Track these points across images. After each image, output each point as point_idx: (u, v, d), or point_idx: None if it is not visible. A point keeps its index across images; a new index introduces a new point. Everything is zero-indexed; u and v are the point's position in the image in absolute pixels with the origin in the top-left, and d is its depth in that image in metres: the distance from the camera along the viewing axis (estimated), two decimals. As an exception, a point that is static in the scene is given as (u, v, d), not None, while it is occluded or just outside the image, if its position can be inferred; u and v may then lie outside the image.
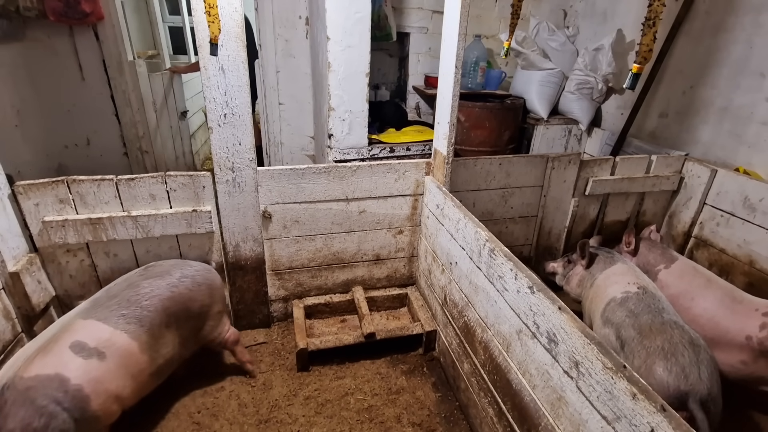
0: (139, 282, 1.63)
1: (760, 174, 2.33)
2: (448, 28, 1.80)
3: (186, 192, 1.89)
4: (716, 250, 2.41)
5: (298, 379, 1.99)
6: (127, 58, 3.24)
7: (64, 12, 2.85)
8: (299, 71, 3.27)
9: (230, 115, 1.81)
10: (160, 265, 1.76)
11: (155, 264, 1.78)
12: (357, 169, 2.09)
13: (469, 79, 3.26)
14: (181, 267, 1.76)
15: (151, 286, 1.63)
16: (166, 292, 1.64)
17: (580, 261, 2.16)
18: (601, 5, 3.31)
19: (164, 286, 1.65)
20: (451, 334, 1.94)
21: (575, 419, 1.12)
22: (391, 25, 3.16)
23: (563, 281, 2.28)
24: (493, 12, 3.51)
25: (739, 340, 1.73)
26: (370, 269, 2.37)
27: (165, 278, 1.68)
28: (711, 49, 2.54)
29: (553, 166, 2.40)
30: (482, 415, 1.67)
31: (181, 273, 1.72)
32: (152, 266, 1.75)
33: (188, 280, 1.72)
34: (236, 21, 1.68)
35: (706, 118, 2.61)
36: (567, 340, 1.14)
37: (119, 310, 1.52)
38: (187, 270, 1.75)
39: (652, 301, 1.73)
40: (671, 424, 0.85)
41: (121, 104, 3.34)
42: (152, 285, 1.63)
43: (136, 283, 1.63)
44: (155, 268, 1.74)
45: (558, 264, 2.34)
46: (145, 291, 1.60)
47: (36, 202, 1.73)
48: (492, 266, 1.50)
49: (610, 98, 3.31)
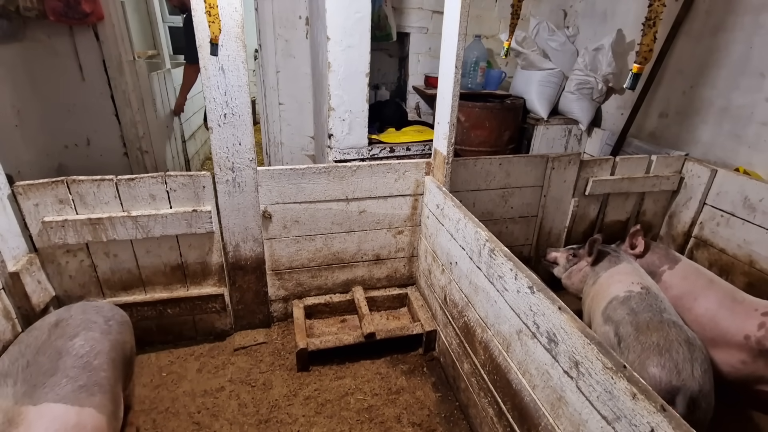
0: (68, 344, 1.34)
1: (760, 174, 2.33)
2: (448, 28, 1.80)
3: (186, 192, 1.89)
4: (716, 250, 2.41)
5: (298, 379, 1.99)
6: (127, 58, 3.24)
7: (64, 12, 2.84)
8: (299, 71, 3.27)
9: (230, 115, 1.81)
10: (70, 316, 1.45)
11: (62, 318, 1.44)
12: (357, 169, 2.09)
13: (469, 79, 3.26)
14: (95, 310, 1.52)
15: (89, 341, 1.37)
16: (106, 343, 1.41)
17: (586, 257, 2.15)
18: (601, 5, 3.31)
19: (99, 336, 1.41)
20: (451, 334, 1.94)
21: (575, 419, 1.12)
22: (391, 25, 3.16)
23: (563, 273, 2.27)
24: (493, 12, 3.51)
25: (738, 339, 1.75)
26: (370, 269, 2.37)
27: (93, 327, 1.43)
28: (711, 49, 2.54)
29: (553, 166, 2.40)
30: (482, 415, 1.67)
31: (102, 317, 1.50)
32: (62, 321, 1.43)
33: (113, 322, 1.52)
34: (236, 21, 1.68)
35: (706, 118, 2.61)
36: (567, 340, 1.14)
37: (74, 382, 1.24)
38: (103, 312, 1.53)
39: (654, 302, 1.73)
40: (671, 423, 0.85)
41: (121, 104, 3.34)
42: (89, 339, 1.38)
43: (67, 346, 1.33)
44: (70, 321, 1.43)
45: (561, 255, 2.31)
46: (86, 350, 1.34)
47: (36, 202, 1.73)
48: (492, 266, 1.50)
49: (610, 98, 3.31)
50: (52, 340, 1.34)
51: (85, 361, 1.31)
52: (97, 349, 1.36)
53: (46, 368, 1.25)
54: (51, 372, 1.24)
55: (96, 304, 1.59)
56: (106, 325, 1.48)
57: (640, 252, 2.18)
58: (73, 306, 1.54)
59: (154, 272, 2.02)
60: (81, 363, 1.29)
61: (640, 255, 2.20)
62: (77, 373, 1.26)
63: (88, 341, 1.37)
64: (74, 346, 1.33)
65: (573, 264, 2.22)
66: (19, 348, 1.32)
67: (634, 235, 2.22)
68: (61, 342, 1.34)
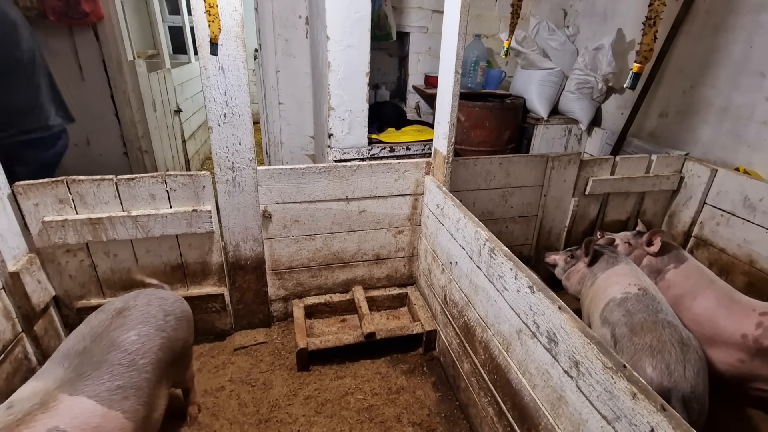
0: (123, 336, 1.34)
1: (760, 174, 2.33)
2: (448, 28, 1.80)
3: (186, 192, 1.89)
4: (716, 249, 2.41)
5: (298, 378, 1.99)
6: (127, 58, 3.24)
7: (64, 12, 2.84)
8: (299, 71, 3.26)
9: (230, 114, 1.81)
10: (134, 306, 1.45)
11: (127, 306, 1.46)
12: (357, 168, 2.09)
13: (469, 78, 3.26)
14: (159, 303, 1.51)
15: (142, 338, 1.36)
16: (158, 341, 1.40)
17: (583, 258, 2.15)
18: (601, 5, 3.31)
19: (154, 333, 1.40)
20: (451, 334, 1.94)
21: (575, 419, 1.12)
22: (391, 24, 3.16)
23: (563, 275, 2.27)
24: (493, 11, 3.51)
25: (736, 338, 1.76)
26: (370, 269, 2.37)
27: (151, 323, 1.42)
28: (711, 48, 2.54)
29: (553, 165, 2.40)
30: (482, 414, 1.67)
31: (164, 311, 1.49)
32: (125, 309, 1.44)
33: (172, 318, 1.50)
34: (236, 21, 1.68)
35: (706, 118, 2.61)
36: (567, 339, 1.14)
37: (114, 380, 1.24)
38: (166, 306, 1.52)
39: (651, 302, 1.73)
40: (671, 423, 0.85)
41: (121, 104, 3.34)
42: (142, 335, 1.37)
43: (121, 339, 1.33)
44: (132, 311, 1.43)
45: (560, 257, 2.31)
46: (137, 347, 1.34)
47: (36, 202, 1.73)
48: (492, 266, 1.50)
49: (610, 98, 3.31)
50: (111, 329, 1.36)
51: (131, 359, 1.31)
52: (147, 347, 1.36)
53: (96, 359, 1.27)
54: (98, 364, 1.26)
55: (162, 294, 1.58)
56: (163, 320, 1.46)
57: (654, 252, 2.15)
58: (141, 293, 1.55)
59: (154, 272, 2.02)
60: (127, 360, 1.30)
61: (654, 254, 2.17)
62: (120, 371, 1.27)
63: (141, 337, 1.36)
64: (126, 341, 1.34)
65: (571, 265, 2.23)
66: (83, 330, 1.37)
67: (655, 234, 2.16)
68: (117, 333, 1.35)
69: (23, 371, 1.70)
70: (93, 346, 1.31)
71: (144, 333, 1.38)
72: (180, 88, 4.44)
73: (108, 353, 1.29)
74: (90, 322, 1.40)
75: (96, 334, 1.34)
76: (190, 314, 1.64)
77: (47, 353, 1.81)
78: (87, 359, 1.27)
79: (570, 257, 2.25)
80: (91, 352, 1.29)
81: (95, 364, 1.26)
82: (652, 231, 2.17)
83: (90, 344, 1.31)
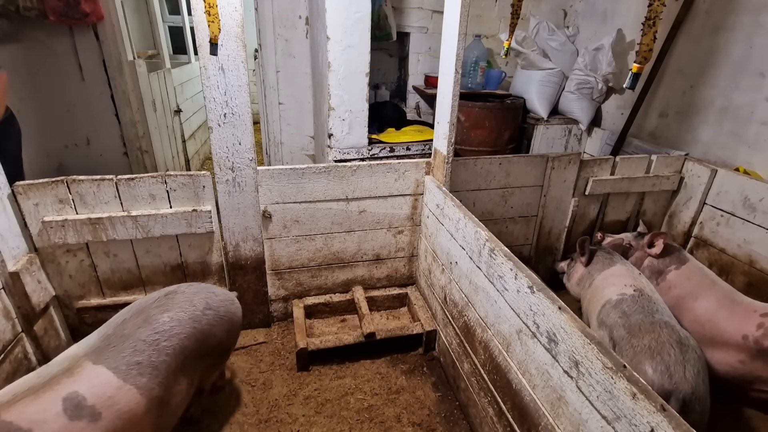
0: (157, 315, 1.39)
1: (760, 174, 2.33)
2: (448, 28, 1.80)
3: (186, 192, 1.89)
4: (716, 249, 2.41)
5: (298, 378, 1.99)
6: (127, 58, 3.24)
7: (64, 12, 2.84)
8: (299, 71, 3.26)
9: (230, 114, 1.81)
10: (182, 292, 1.51)
11: (177, 290, 1.52)
12: (357, 168, 2.09)
13: (469, 78, 3.26)
14: (205, 296, 1.53)
15: (173, 322, 1.39)
16: (187, 329, 1.41)
17: (579, 258, 2.16)
18: (601, 5, 3.31)
19: (186, 320, 1.42)
20: (451, 334, 1.94)
21: (575, 419, 1.12)
22: (391, 24, 3.16)
23: (566, 279, 2.29)
24: (493, 12, 3.51)
25: (737, 339, 1.76)
26: (370, 269, 2.37)
27: (188, 310, 1.45)
28: (711, 48, 2.54)
29: (553, 165, 2.40)
30: (482, 414, 1.67)
31: (205, 304, 1.51)
32: (173, 293, 1.50)
33: (212, 312, 1.51)
34: (236, 21, 1.68)
35: (706, 118, 2.61)
36: (567, 339, 1.14)
37: (133, 356, 1.28)
38: (211, 300, 1.54)
39: (647, 303, 1.74)
40: (671, 423, 0.85)
41: (121, 104, 3.34)
42: (174, 320, 1.40)
43: (155, 317, 1.38)
44: (177, 296, 1.48)
45: (565, 263, 2.37)
46: (165, 328, 1.37)
47: (36, 202, 1.73)
48: (492, 266, 1.50)
49: (610, 98, 3.31)
50: (152, 307, 1.41)
51: (156, 339, 1.33)
52: (174, 331, 1.37)
53: (127, 332, 1.33)
54: (126, 337, 1.31)
55: (214, 290, 1.59)
56: (201, 312, 1.47)
57: (656, 253, 2.15)
58: (194, 284, 1.58)
59: (154, 272, 2.02)
60: (152, 339, 1.33)
61: (655, 255, 2.16)
62: (143, 347, 1.30)
63: (172, 320, 1.39)
64: (159, 321, 1.37)
65: (571, 268, 2.24)
66: (132, 306, 1.44)
67: (657, 236, 2.16)
68: (154, 312, 1.39)
69: (23, 371, 1.70)
70: (131, 319, 1.37)
71: (176, 318, 1.40)
72: (180, 88, 4.44)
73: (138, 328, 1.34)
74: (143, 298, 1.48)
75: (140, 309, 1.41)
76: (235, 318, 1.62)
77: (47, 353, 1.81)
78: (120, 331, 1.33)
79: (571, 260, 2.27)
80: (125, 325, 1.35)
81: (124, 337, 1.31)
82: (654, 233, 2.18)
83: (129, 317, 1.38)
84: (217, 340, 1.52)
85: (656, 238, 2.16)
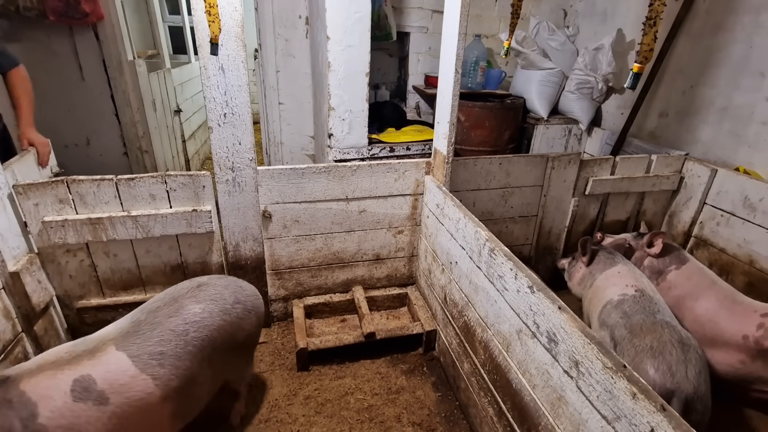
0: (189, 306, 1.41)
1: (760, 174, 2.33)
2: (448, 28, 1.80)
3: (186, 192, 1.89)
4: (716, 249, 2.41)
5: (298, 378, 1.99)
6: (127, 58, 3.24)
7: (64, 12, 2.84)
8: (299, 71, 3.26)
9: (230, 114, 1.81)
10: (213, 285, 1.52)
11: (209, 282, 1.53)
12: (357, 168, 2.09)
13: (469, 78, 3.26)
14: (234, 290, 1.55)
15: (204, 313, 1.40)
16: (217, 321, 1.43)
17: (581, 258, 2.16)
18: (601, 5, 3.31)
19: (217, 312, 1.43)
20: (451, 334, 1.94)
21: (575, 419, 1.12)
22: (391, 24, 3.16)
23: (568, 277, 2.29)
24: (493, 12, 3.51)
25: (737, 339, 1.76)
26: (370, 269, 2.37)
27: (219, 303, 1.46)
28: (711, 48, 2.54)
29: (553, 165, 2.40)
30: (482, 414, 1.67)
31: (235, 298, 1.52)
32: (205, 285, 1.51)
33: (240, 306, 1.52)
34: (236, 21, 1.68)
35: (706, 118, 2.61)
36: (567, 339, 1.14)
37: (158, 345, 1.30)
38: (240, 294, 1.55)
39: (648, 304, 1.74)
40: (671, 423, 0.85)
41: (121, 104, 3.34)
42: (205, 311, 1.41)
43: (186, 307, 1.40)
44: (209, 288, 1.49)
45: (566, 260, 2.35)
46: (195, 319, 1.38)
47: (36, 202, 1.73)
48: (492, 266, 1.50)
49: (610, 98, 3.31)
50: (185, 297, 1.43)
51: (184, 329, 1.35)
52: (205, 323, 1.39)
53: (158, 320, 1.35)
54: (156, 326, 1.34)
55: (241, 284, 1.61)
56: (231, 305, 1.49)
57: (655, 253, 2.15)
58: (224, 277, 1.61)
59: (154, 272, 2.02)
60: (180, 329, 1.34)
61: (655, 255, 2.17)
62: (170, 337, 1.32)
63: (204, 312, 1.40)
64: (189, 312, 1.39)
65: (572, 267, 2.23)
66: (166, 293, 1.48)
67: (656, 236, 2.16)
68: (186, 303, 1.41)
69: (23, 371, 1.70)
70: (164, 307, 1.39)
71: (208, 309, 1.42)
72: (180, 88, 4.44)
73: (169, 318, 1.36)
74: (176, 286, 1.52)
75: (173, 298, 1.44)
76: (261, 311, 1.65)
77: (47, 353, 1.81)
78: (151, 318, 1.35)
79: (572, 259, 2.27)
80: (158, 313, 1.37)
81: (154, 325, 1.33)
82: (653, 232, 2.18)
83: (162, 305, 1.40)
84: (245, 333, 1.54)
85: (655, 238, 2.16)
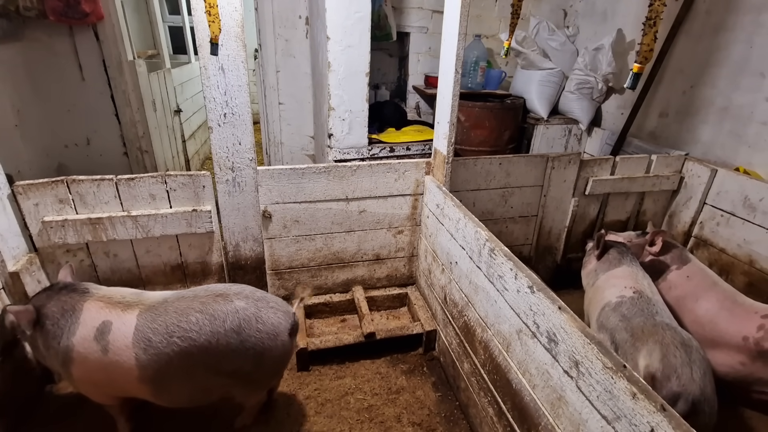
0: (191, 310, 1.42)
1: (760, 174, 2.33)
2: (448, 28, 1.80)
3: (186, 192, 1.89)
4: (716, 249, 2.41)
5: (298, 378, 1.99)
6: (127, 58, 3.24)
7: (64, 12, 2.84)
8: (299, 71, 3.27)
9: (230, 114, 1.81)
10: (229, 301, 1.47)
11: (228, 295, 1.48)
12: (357, 168, 2.09)
13: (469, 78, 3.26)
14: (244, 318, 1.45)
15: (195, 325, 1.39)
16: (201, 340, 1.39)
17: (594, 252, 2.14)
18: (601, 5, 3.31)
19: (206, 332, 1.40)
20: (451, 334, 1.94)
21: (575, 419, 1.12)
22: (391, 24, 3.16)
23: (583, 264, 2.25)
24: (493, 12, 3.51)
25: (737, 340, 1.75)
26: (370, 269, 2.37)
27: (214, 323, 1.41)
28: (711, 48, 2.54)
29: (553, 165, 2.40)
30: (482, 414, 1.67)
31: (237, 326, 1.43)
32: (223, 297, 1.48)
33: (236, 338, 1.42)
34: (236, 21, 1.68)
35: (706, 118, 2.61)
36: (567, 339, 1.14)
37: (151, 333, 1.37)
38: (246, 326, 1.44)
39: (647, 305, 1.73)
40: (671, 423, 0.85)
41: (121, 104, 3.34)
42: (197, 324, 1.40)
43: (188, 309, 1.42)
44: (221, 304, 1.45)
45: (591, 244, 2.24)
46: (184, 326, 1.39)
47: (36, 202, 1.73)
48: (492, 266, 1.50)
49: (610, 98, 3.31)
50: (199, 299, 1.47)
51: (172, 330, 1.40)
52: (189, 334, 1.40)
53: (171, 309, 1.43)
54: (166, 314, 1.41)
55: (262, 315, 1.48)
56: (224, 332, 1.41)
57: (655, 251, 2.15)
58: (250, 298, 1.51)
59: (154, 272, 2.02)
60: (170, 329, 1.39)
61: (655, 254, 2.17)
62: (162, 331, 1.39)
63: (196, 323, 1.40)
64: (186, 316, 1.42)
65: (588, 256, 2.21)
66: (201, 288, 1.54)
67: (657, 235, 2.17)
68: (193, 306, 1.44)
69: (24, 371, 1.70)
70: (186, 300, 1.46)
71: (199, 323, 1.41)
72: (180, 88, 4.44)
73: (174, 312, 1.42)
74: (212, 285, 1.57)
75: (196, 295, 1.48)
76: (268, 353, 1.48)
77: (47, 353, 1.81)
78: (171, 306, 1.43)
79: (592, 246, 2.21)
80: (180, 303, 1.44)
81: (166, 313, 1.41)
82: (654, 231, 2.18)
83: (185, 297, 1.47)
84: (234, 366, 1.44)
85: (656, 237, 2.16)
